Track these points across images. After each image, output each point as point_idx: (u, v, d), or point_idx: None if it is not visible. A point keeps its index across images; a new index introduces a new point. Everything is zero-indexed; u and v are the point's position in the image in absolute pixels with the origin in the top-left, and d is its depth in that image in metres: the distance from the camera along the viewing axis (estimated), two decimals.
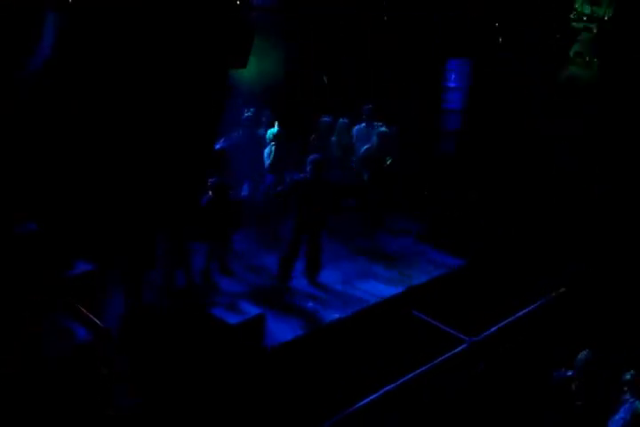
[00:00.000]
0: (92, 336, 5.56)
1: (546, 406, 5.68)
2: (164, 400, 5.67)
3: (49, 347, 5.34)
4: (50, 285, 5.92)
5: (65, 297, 5.91)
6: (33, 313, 5.54)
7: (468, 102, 10.41)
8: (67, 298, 5.90)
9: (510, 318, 7.46)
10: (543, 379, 5.81)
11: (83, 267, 6.43)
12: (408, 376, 6.30)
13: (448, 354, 6.73)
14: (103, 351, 5.55)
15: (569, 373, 5.62)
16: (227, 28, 6.21)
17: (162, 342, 6.16)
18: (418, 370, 6.40)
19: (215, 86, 6.44)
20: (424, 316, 7.39)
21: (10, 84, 5.75)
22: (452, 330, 7.12)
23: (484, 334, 7.12)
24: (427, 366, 6.48)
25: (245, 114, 9.04)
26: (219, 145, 8.33)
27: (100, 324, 5.68)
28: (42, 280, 5.86)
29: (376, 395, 6.01)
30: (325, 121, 9.62)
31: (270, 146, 8.84)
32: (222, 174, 7.60)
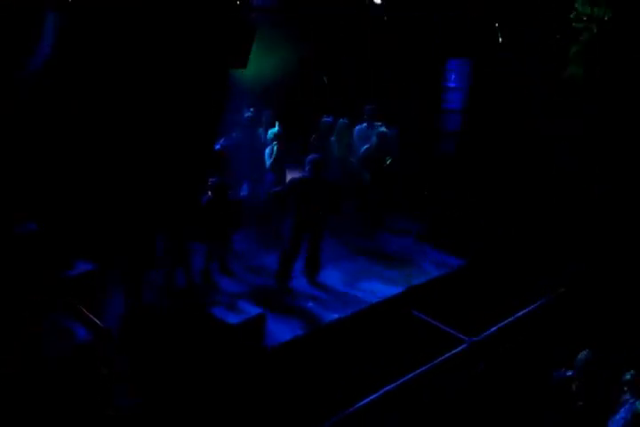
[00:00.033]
0: (92, 336, 5.55)
1: (546, 406, 5.68)
2: (164, 400, 5.67)
3: (49, 347, 5.34)
4: (50, 285, 5.91)
5: (65, 297, 5.90)
6: (33, 313, 5.53)
7: (468, 102, 10.40)
8: (67, 298, 5.90)
9: (510, 318, 7.46)
10: (543, 379, 5.81)
11: (83, 267, 6.44)
12: (408, 376, 6.30)
13: (448, 354, 6.73)
14: (103, 351, 5.55)
15: (569, 373, 5.62)
16: (227, 29, 6.22)
17: (162, 342, 6.17)
18: (418, 370, 6.40)
19: (215, 86, 6.45)
20: (424, 316, 7.39)
21: (10, 84, 5.75)
22: (452, 330, 7.12)
23: (484, 334, 7.12)
24: (427, 366, 6.48)
25: (245, 114, 9.04)
26: (218, 145, 8.34)
27: (100, 324, 5.68)
28: (42, 280, 5.85)
29: (376, 395, 6.01)
30: (326, 121, 9.62)
31: (271, 145, 8.85)
32: (222, 174, 7.59)
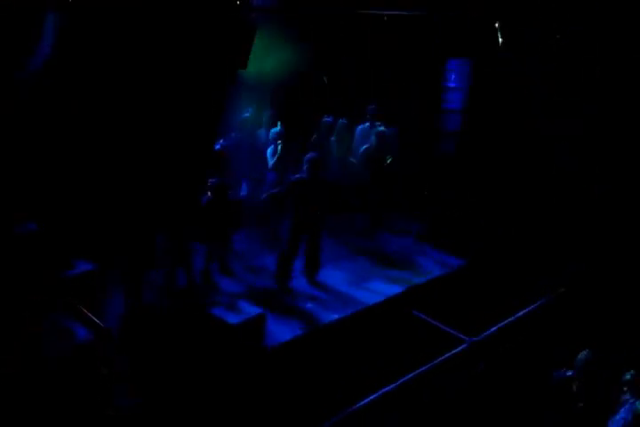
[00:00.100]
0: (92, 336, 5.56)
1: (546, 406, 5.68)
2: (164, 400, 5.67)
3: (49, 347, 5.34)
4: (50, 285, 5.92)
5: (65, 297, 5.91)
6: (33, 313, 5.54)
7: (468, 102, 10.40)
8: (67, 298, 5.90)
9: (510, 318, 7.45)
10: (543, 379, 5.81)
11: (83, 267, 6.45)
12: (408, 376, 6.30)
13: (448, 354, 6.73)
14: (103, 351, 5.55)
15: (569, 373, 5.62)
16: (227, 29, 6.22)
17: (162, 342, 6.17)
18: (418, 370, 6.40)
19: (215, 87, 6.44)
20: (424, 316, 7.39)
21: (10, 84, 5.75)
22: (452, 330, 7.12)
23: (484, 334, 7.12)
24: (427, 366, 6.48)
25: (244, 114, 9.05)
26: (218, 145, 8.34)
27: (100, 324, 5.69)
28: (42, 280, 5.86)
29: (376, 395, 6.01)
30: (326, 121, 9.64)
31: (274, 145, 8.83)
32: (222, 175, 7.60)
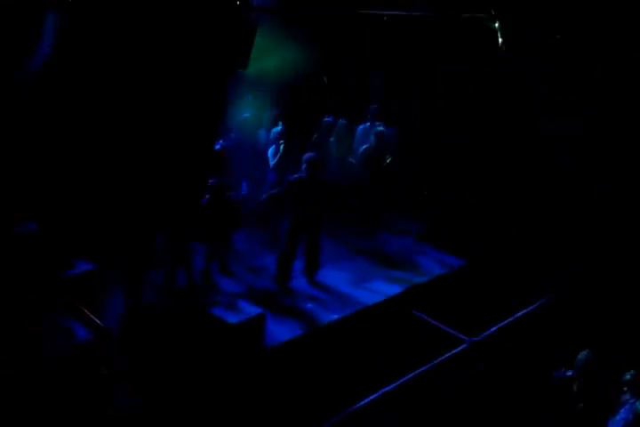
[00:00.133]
0: (92, 336, 5.56)
1: (546, 406, 5.68)
2: (164, 400, 5.67)
3: (49, 347, 5.34)
4: (50, 285, 5.92)
5: (65, 297, 5.91)
6: (33, 313, 5.53)
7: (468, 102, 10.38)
8: (67, 298, 5.90)
9: (510, 318, 7.45)
10: (543, 379, 5.81)
11: (83, 267, 6.45)
12: (408, 376, 6.30)
13: (448, 354, 6.73)
14: (103, 351, 5.55)
15: (569, 373, 5.62)
16: (227, 29, 6.21)
17: (162, 342, 6.17)
18: (418, 370, 6.40)
19: (215, 87, 6.44)
20: (424, 316, 7.39)
21: (10, 84, 5.75)
22: (452, 330, 7.12)
23: (484, 334, 7.12)
24: (427, 366, 6.48)
25: (244, 115, 9.05)
26: (218, 145, 8.33)
27: (100, 324, 5.68)
28: (42, 280, 5.85)
29: (376, 395, 6.02)
30: (327, 121, 9.65)
31: (275, 145, 8.82)
32: (221, 175, 7.60)
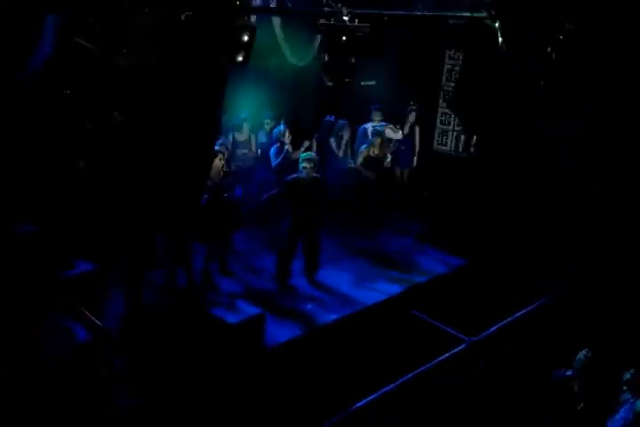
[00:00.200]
0: (92, 336, 5.56)
1: (546, 406, 5.68)
2: (164, 400, 5.67)
3: (49, 347, 5.34)
4: (50, 285, 5.92)
5: (65, 297, 5.91)
6: (33, 313, 5.54)
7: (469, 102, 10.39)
8: (67, 298, 5.91)
9: (510, 318, 7.46)
10: (543, 379, 5.81)
11: (83, 267, 6.45)
12: (408, 376, 6.30)
13: (447, 354, 6.73)
14: (103, 351, 5.55)
15: (569, 373, 5.63)
16: (227, 29, 6.21)
17: (162, 343, 6.17)
18: (417, 370, 6.40)
19: (215, 87, 6.44)
20: (424, 316, 7.39)
21: (10, 84, 5.75)
22: (452, 330, 7.12)
23: (484, 334, 7.12)
24: (426, 366, 6.48)
25: (241, 115, 9.05)
26: (217, 146, 8.32)
27: (100, 324, 5.69)
28: (42, 280, 5.86)
29: (376, 395, 6.02)
30: (328, 121, 9.66)
31: (277, 145, 8.81)
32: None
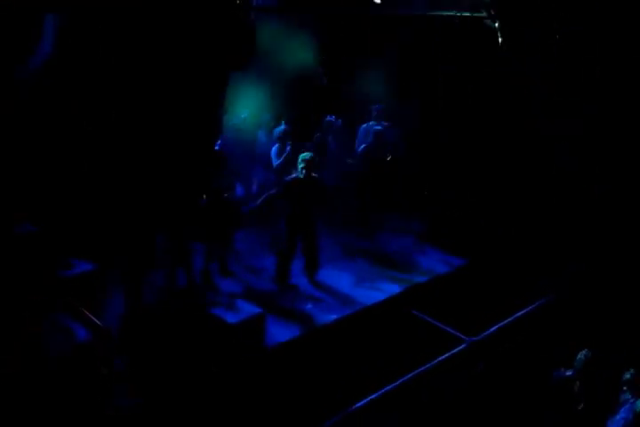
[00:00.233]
0: (92, 336, 5.56)
1: (546, 406, 5.68)
2: (164, 400, 5.67)
3: (49, 347, 5.34)
4: (50, 285, 5.92)
5: (65, 297, 5.91)
6: (33, 313, 5.54)
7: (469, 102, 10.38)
8: (67, 298, 5.91)
9: (510, 318, 7.45)
10: (543, 379, 5.81)
11: (83, 267, 6.45)
12: (408, 376, 6.30)
13: (447, 354, 6.73)
14: (103, 351, 5.55)
15: (569, 373, 5.63)
16: (227, 29, 6.21)
17: (162, 342, 6.17)
18: (417, 370, 6.40)
19: (216, 87, 6.44)
20: (424, 315, 7.39)
21: (10, 84, 5.75)
22: (452, 330, 7.12)
23: (484, 334, 7.12)
24: (426, 365, 6.48)
25: (241, 115, 9.04)
26: (217, 146, 8.32)
27: (100, 324, 5.69)
28: (42, 280, 5.86)
29: (376, 395, 6.02)
30: (329, 120, 9.66)
31: (278, 144, 8.80)
32: (220, 175, 7.62)
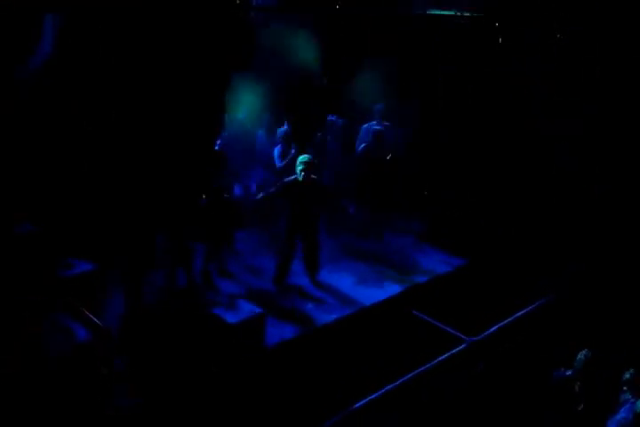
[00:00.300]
0: (92, 336, 5.56)
1: (546, 406, 5.68)
2: (164, 400, 5.67)
3: (49, 347, 5.34)
4: (50, 285, 5.92)
5: (65, 297, 5.91)
6: (33, 313, 5.54)
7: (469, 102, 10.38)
8: (67, 298, 5.91)
9: (510, 318, 7.45)
10: (543, 379, 5.81)
11: (83, 267, 6.44)
12: (408, 376, 6.30)
13: (447, 354, 6.73)
14: (103, 351, 5.55)
15: (569, 373, 5.63)
16: (227, 29, 6.21)
17: (162, 342, 6.17)
18: (417, 370, 6.40)
19: (216, 87, 6.44)
20: (424, 315, 7.39)
21: (10, 84, 5.75)
22: (452, 330, 7.12)
23: (484, 334, 7.12)
24: (426, 366, 6.49)
25: (239, 115, 9.05)
26: (216, 146, 8.32)
27: (100, 324, 5.69)
28: (42, 280, 5.86)
29: (376, 395, 6.02)
30: (331, 121, 9.66)
31: (281, 145, 8.80)
32: (219, 175, 7.62)
